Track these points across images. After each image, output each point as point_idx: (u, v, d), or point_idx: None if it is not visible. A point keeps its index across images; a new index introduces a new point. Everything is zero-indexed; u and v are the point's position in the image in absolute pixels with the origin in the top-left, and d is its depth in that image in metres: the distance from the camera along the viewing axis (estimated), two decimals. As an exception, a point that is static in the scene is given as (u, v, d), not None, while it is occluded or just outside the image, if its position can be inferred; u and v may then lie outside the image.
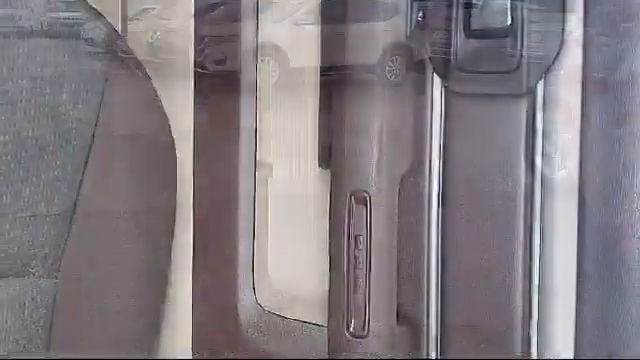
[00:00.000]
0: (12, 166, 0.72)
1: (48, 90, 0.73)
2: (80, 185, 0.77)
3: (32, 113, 0.72)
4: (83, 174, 0.77)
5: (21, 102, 0.72)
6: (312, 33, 0.76)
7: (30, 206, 0.74)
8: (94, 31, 0.78)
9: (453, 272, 0.71)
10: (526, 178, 0.67)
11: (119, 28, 0.84)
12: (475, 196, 0.69)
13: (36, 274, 0.77)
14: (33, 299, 0.77)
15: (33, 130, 0.72)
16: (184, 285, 0.84)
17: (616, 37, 0.63)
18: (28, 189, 0.73)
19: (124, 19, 0.85)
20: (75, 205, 0.77)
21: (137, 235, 0.82)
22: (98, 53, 0.79)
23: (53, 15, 0.76)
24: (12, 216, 0.73)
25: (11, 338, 0.75)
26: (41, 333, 0.78)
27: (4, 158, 0.71)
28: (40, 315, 0.77)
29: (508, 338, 0.70)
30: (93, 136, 0.78)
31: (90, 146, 0.77)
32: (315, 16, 0.76)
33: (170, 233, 0.84)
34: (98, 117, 0.77)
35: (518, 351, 0.69)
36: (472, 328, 0.72)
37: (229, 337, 0.75)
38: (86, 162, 0.78)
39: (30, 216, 0.74)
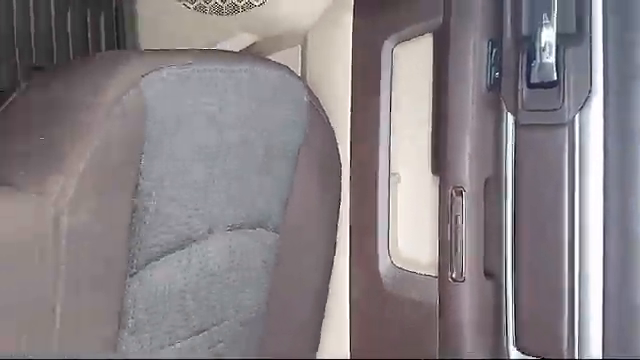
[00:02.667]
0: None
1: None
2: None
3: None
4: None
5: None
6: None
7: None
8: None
9: (521, 245, 1.05)
10: (568, 181, 1.01)
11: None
12: (533, 194, 1.03)
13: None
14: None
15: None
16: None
17: (624, 89, 0.97)
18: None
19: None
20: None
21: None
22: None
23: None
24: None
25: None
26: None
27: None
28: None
29: (555, 300, 1.02)
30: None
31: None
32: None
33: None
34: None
35: (564, 304, 1.01)
36: (532, 287, 1.05)
37: (377, 287, 1.13)
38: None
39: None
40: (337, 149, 1.12)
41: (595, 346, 1.02)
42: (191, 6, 1.27)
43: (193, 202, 0.79)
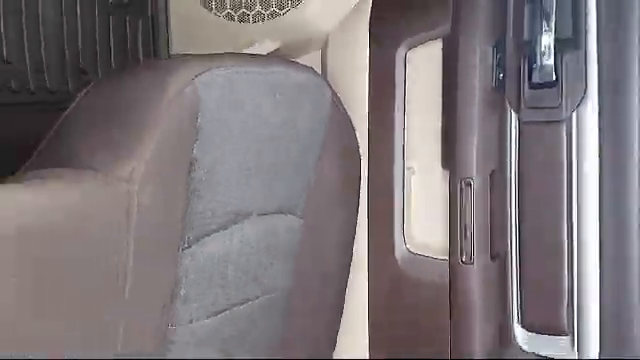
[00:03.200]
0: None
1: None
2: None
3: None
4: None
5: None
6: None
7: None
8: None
9: (524, 230, 1.15)
10: (567, 172, 1.11)
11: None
12: (535, 184, 1.14)
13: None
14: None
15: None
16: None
17: (616, 89, 1.07)
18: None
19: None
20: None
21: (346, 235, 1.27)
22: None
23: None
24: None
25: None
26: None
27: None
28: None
29: (555, 278, 1.13)
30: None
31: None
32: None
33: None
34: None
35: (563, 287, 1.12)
36: (534, 269, 1.16)
37: (393, 270, 1.24)
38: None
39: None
40: (357, 143, 1.22)
41: (592, 321, 1.12)
42: (220, 15, 1.38)
43: (235, 188, 0.90)
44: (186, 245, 0.88)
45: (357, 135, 1.23)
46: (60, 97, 1.28)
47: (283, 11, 1.34)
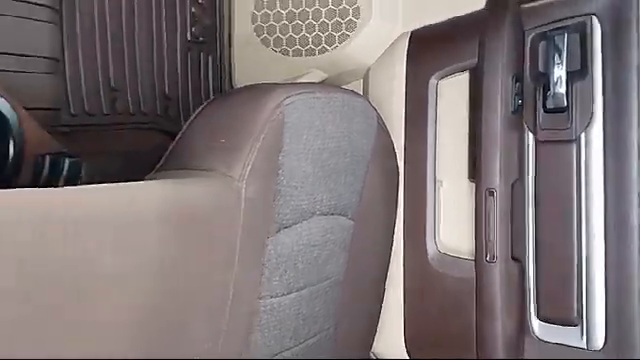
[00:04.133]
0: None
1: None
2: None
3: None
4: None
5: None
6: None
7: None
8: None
9: (540, 235, 1.33)
10: (576, 184, 1.30)
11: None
12: (549, 194, 1.32)
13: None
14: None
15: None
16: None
17: (618, 114, 1.26)
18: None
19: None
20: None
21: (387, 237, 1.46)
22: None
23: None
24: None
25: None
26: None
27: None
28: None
29: (566, 277, 1.30)
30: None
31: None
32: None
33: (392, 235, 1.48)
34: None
35: (573, 288, 1.29)
36: (548, 269, 1.33)
37: (425, 268, 1.43)
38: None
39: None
40: (396, 157, 1.42)
41: (598, 315, 1.29)
42: (277, 50, 1.59)
43: (305, 191, 1.09)
44: (270, 235, 1.08)
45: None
46: (151, 118, 1.50)
47: (331, 47, 1.55)
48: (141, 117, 1.49)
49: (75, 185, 1.02)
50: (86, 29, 1.47)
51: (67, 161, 1.04)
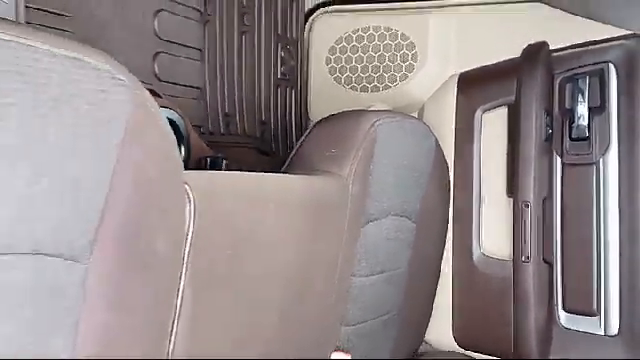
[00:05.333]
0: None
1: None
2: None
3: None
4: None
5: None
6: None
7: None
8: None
9: (566, 241, 1.62)
10: (595, 199, 1.59)
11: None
12: (574, 207, 1.61)
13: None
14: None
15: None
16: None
17: (630, 143, 1.56)
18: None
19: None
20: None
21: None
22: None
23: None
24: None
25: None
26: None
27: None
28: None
29: (587, 276, 1.60)
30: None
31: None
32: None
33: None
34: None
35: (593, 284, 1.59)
36: (572, 269, 1.62)
37: (471, 267, 1.72)
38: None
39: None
40: (449, 173, 1.73)
41: (614, 307, 1.58)
42: (347, 87, 1.92)
43: (385, 194, 1.38)
44: (362, 226, 1.36)
45: (448, 169, 1.74)
46: (252, 140, 1.84)
47: (393, 85, 1.87)
48: (246, 138, 1.83)
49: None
50: (218, 66, 1.84)
51: (224, 162, 1.37)
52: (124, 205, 0.79)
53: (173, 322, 0.93)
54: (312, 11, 2.00)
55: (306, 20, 2.02)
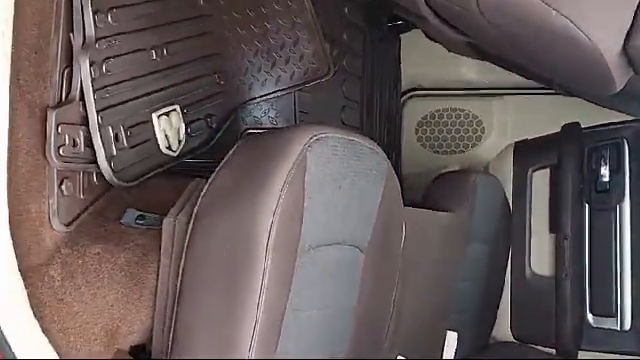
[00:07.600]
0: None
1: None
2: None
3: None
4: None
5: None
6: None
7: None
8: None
9: (593, 263, 2.28)
10: (614, 234, 2.26)
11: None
12: (598, 240, 2.27)
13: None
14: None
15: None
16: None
17: (638, 194, 2.24)
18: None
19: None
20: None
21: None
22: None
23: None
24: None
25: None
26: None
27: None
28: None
29: (608, 288, 2.26)
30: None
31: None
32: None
33: None
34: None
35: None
36: (598, 283, 2.27)
37: (523, 282, 2.37)
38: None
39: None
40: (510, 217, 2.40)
41: (627, 310, 2.22)
42: (430, 150, 2.61)
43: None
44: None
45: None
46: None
47: (466, 150, 2.57)
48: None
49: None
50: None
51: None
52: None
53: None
54: (404, 93, 2.71)
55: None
